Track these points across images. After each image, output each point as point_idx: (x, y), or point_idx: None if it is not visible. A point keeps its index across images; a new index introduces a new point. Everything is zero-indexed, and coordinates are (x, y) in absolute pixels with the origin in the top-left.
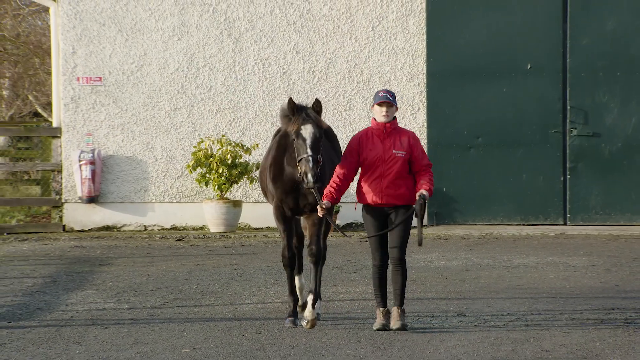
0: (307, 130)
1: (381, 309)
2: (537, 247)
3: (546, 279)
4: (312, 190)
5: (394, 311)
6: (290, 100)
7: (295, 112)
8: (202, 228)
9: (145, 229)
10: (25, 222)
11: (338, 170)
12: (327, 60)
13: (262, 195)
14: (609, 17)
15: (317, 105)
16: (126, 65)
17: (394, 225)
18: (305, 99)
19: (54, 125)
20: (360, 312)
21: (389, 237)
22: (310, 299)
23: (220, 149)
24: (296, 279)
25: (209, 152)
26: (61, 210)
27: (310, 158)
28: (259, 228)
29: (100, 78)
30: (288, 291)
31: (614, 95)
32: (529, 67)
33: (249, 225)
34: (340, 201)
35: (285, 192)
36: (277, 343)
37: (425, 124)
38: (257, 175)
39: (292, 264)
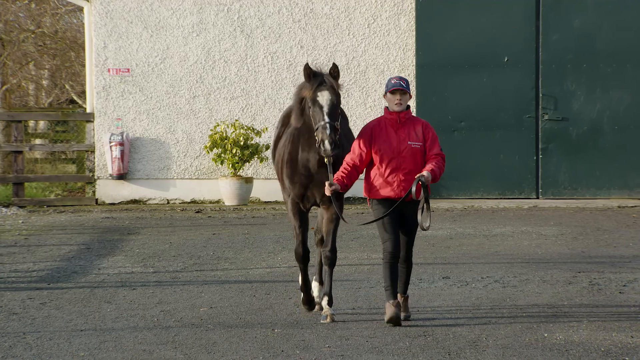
0: (324, 97)
1: (391, 301)
2: (512, 218)
3: (521, 246)
4: (326, 162)
5: (399, 299)
6: (307, 66)
7: (311, 78)
8: (218, 202)
9: (168, 203)
10: (63, 196)
11: (347, 159)
12: (328, 53)
13: (270, 172)
14: (575, 16)
15: (335, 70)
16: (151, 58)
17: (389, 210)
18: None
19: (88, 111)
20: (357, 275)
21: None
22: (325, 302)
23: (234, 132)
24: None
25: (224, 134)
26: (94, 186)
27: (327, 125)
28: (268, 202)
29: (128, 69)
30: (300, 288)
31: (581, 85)
32: (506, 60)
33: (259, 199)
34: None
35: (302, 186)
36: (284, 303)
37: (414, 110)
38: (268, 156)
39: (307, 260)
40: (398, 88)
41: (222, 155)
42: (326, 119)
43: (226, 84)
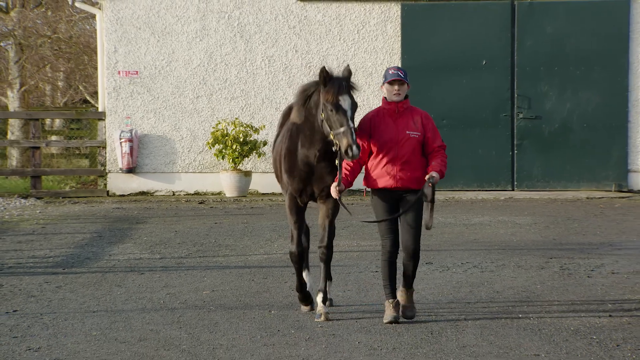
0: (346, 102)
1: (390, 300)
2: (490, 209)
3: (497, 234)
4: (337, 165)
5: (403, 293)
6: (324, 69)
7: (327, 81)
8: (219, 193)
9: (173, 194)
10: (77, 188)
11: None
12: (320, 57)
13: (268, 167)
14: (548, 23)
15: (349, 74)
16: (158, 62)
17: (402, 211)
18: None
19: (100, 110)
20: (347, 261)
21: (400, 227)
22: (320, 298)
23: (234, 129)
24: (304, 274)
25: (225, 131)
26: (105, 179)
27: (352, 130)
28: (266, 193)
29: (136, 72)
30: (296, 288)
31: (553, 86)
32: (484, 63)
33: (257, 191)
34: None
35: (301, 180)
36: (280, 286)
37: None
38: (266, 151)
39: (302, 260)
40: (396, 79)
41: (223, 150)
42: (350, 123)
43: (227, 85)
